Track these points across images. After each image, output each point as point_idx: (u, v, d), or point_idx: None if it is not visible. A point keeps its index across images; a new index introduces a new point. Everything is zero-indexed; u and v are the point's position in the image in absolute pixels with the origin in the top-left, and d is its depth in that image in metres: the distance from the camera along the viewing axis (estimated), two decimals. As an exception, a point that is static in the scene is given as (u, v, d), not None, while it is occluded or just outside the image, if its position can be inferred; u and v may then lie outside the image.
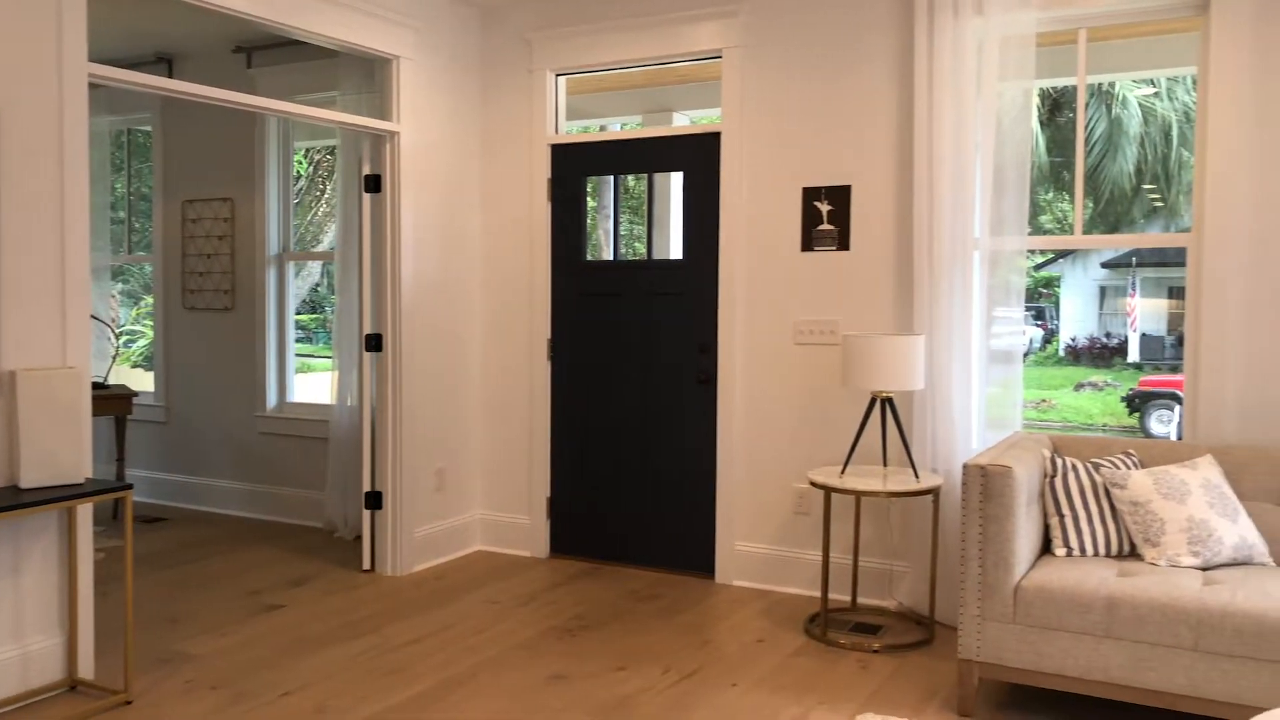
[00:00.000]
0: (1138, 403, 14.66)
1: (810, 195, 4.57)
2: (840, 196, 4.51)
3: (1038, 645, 3.23)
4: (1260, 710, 2.95)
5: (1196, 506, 3.38)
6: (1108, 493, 3.55)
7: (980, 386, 4.22)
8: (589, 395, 5.20)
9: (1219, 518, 3.37)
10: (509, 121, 5.30)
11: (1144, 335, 19.28)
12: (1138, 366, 18.33)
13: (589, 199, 5.31)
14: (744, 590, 4.74)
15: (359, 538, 5.63)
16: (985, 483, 3.31)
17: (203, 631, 4.15)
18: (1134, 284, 19.52)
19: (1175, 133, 13.03)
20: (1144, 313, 19.51)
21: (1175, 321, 19.91)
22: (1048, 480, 3.59)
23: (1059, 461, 3.63)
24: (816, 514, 4.63)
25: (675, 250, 5.61)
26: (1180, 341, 18.95)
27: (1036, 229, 12.53)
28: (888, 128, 4.41)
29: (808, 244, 4.59)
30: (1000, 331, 4.21)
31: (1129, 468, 3.63)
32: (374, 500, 5.01)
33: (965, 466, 3.35)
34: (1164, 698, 3.08)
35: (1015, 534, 3.29)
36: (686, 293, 4.93)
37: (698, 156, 4.87)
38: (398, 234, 4.90)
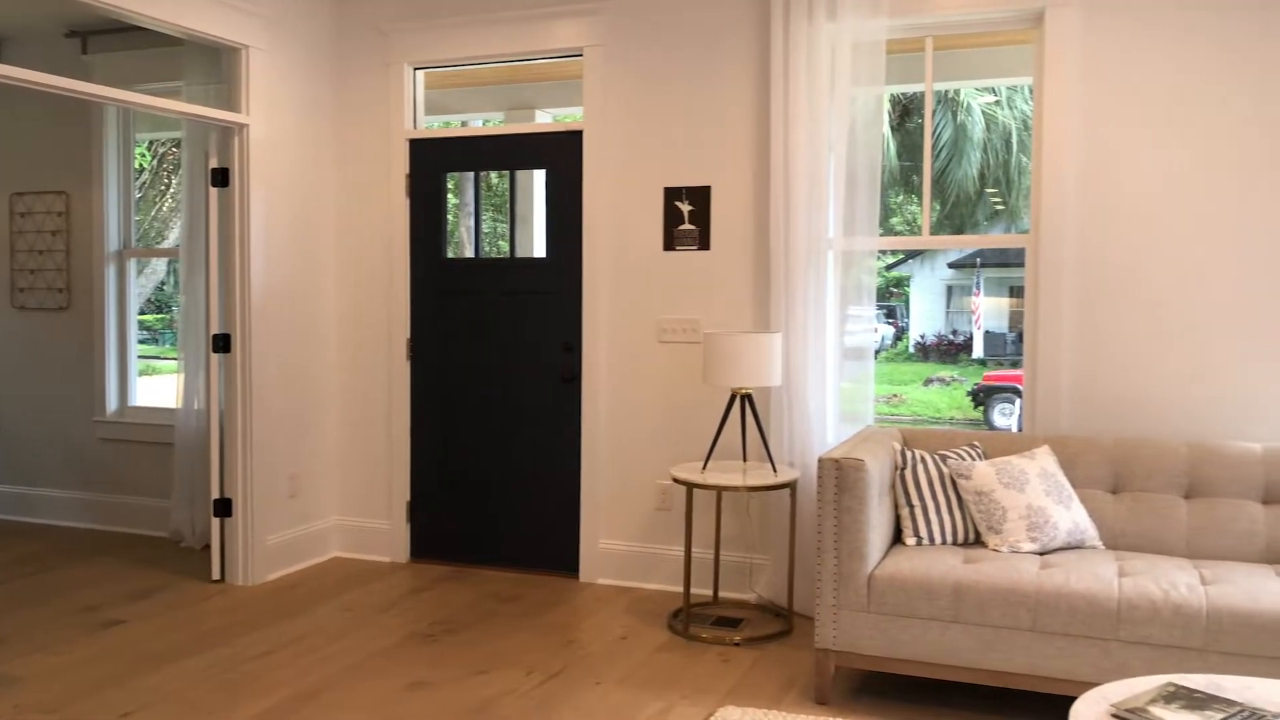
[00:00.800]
0: (982, 397, 15.37)
1: (672, 195, 4.61)
2: (701, 197, 4.57)
3: (890, 632, 3.35)
4: (1093, 685, 3.13)
5: (1035, 495, 3.56)
6: (954, 483, 3.70)
7: (834, 382, 4.34)
8: (450, 395, 5.12)
9: (1055, 505, 3.56)
10: (365, 115, 5.16)
11: (988, 332, 20.23)
12: (982, 362, 19.22)
13: (449, 196, 5.22)
14: (608, 588, 4.75)
15: (207, 547, 5.39)
16: (840, 476, 3.40)
17: (34, 651, 3.90)
18: (978, 283, 20.46)
19: (1015, 139, 13.73)
20: (987, 311, 20.48)
21: (1016, 319, 20.96)
22: (898, 472, 3.72)
23: (909, 454, 3.76)
24: (679, 510, 4.68)
25: (539, 248, 5.58)
26: (1020, 338, 19.98)
27: (888, 230, 12.99)
28: (746, 129, 4.49)
29: (670, 243, 4.63)
30: (853, 329, 4.34)
31: (973, 459, 3.79)
32: (223, 507, 4.81)
33: (820, 460, 3.44)
34: (1007, 677, 3.23)
35: (868, 525, 3.39)
36: (550, 291, 4.90)
37: (560, 154, 4.85)
38: (247, 230, 4.71)
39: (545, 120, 6.29)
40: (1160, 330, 3.93)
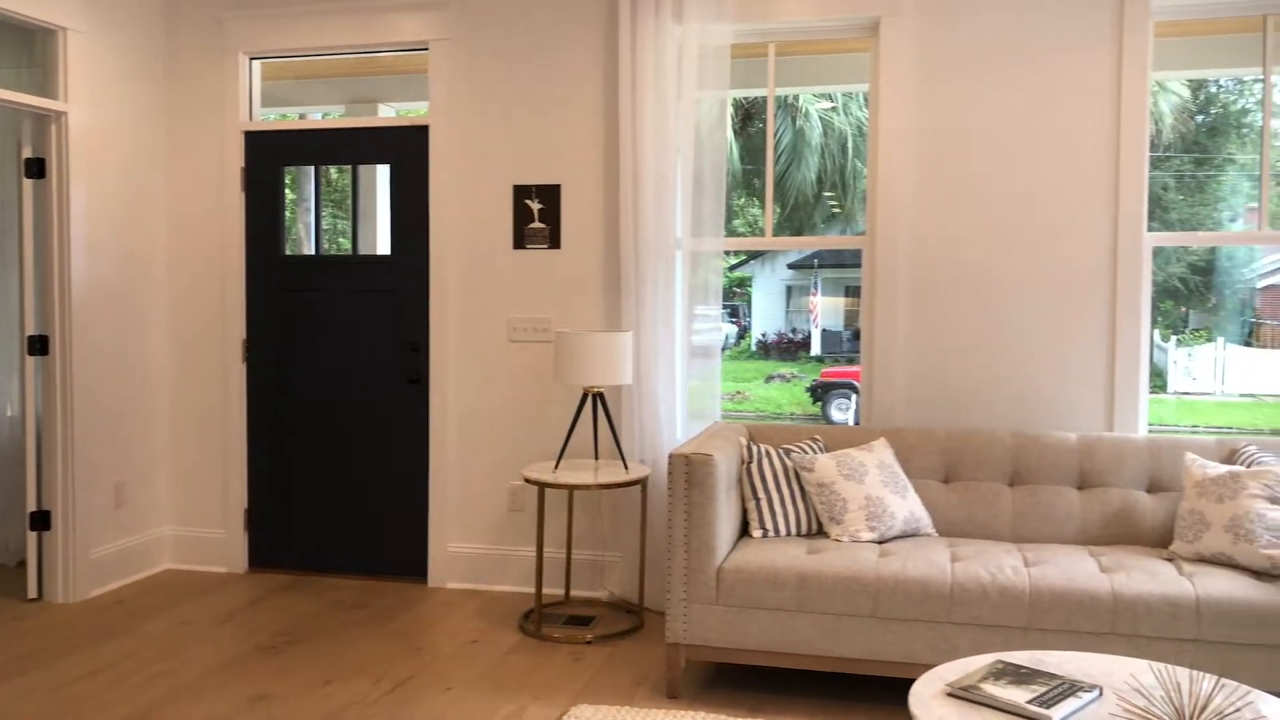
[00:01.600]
0: (820, 392, 15.92)
1: (521, 193, 4.59)
2: (551, 195, 4.56)
3: (739, 624, 3.42)
4: (929, 666, 3.28)
5: (873, 485, 3.71)
6: (798, 476, 3.81)
7: (683, 380, 4.41)
8: (290, 398, 4.94)
9: (892, 495, 3.72)
10: (199, 106, 4.93)
11: (825, 331, 20.95)
12: (820, 359, 19.89)
13: (287, 191, 5.05)
14: (458, 592, 4.68)
15: (23, 563, 5.03)
16: (689, 471, 3.46)
17: None
18: (816, 284, 21.16)
19: (850, 145, 14.27)
20: (825, 310, 21.21)
21: (851, 318, 21.79)
22: (745, 467, 3.81)
23: (755, 449, 3.85)
24: (531, 510, 4.66)
25: (383, 246, 5.45)
26: (856, 336, 20.77)
27: (731, 232, 13.31)
28: (596, 128, 4.50)
29: (520, 242, 4.60)
30: (700, 328, 4.42)
31: (815, 452, 3.92)
32: (41, 520, 4.50)
33: (671, 456, 3.48)
34: (849, 663, 3.36)
35: (717, 519, 3.46)
36: (396, 290, 4.79)
37: (406, 150, 4.75)
38: (66, 224, 4.42)
39: (389, 114, 6.15)
40: (987, 328, 4.16)
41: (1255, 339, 21.00)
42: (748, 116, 14.97)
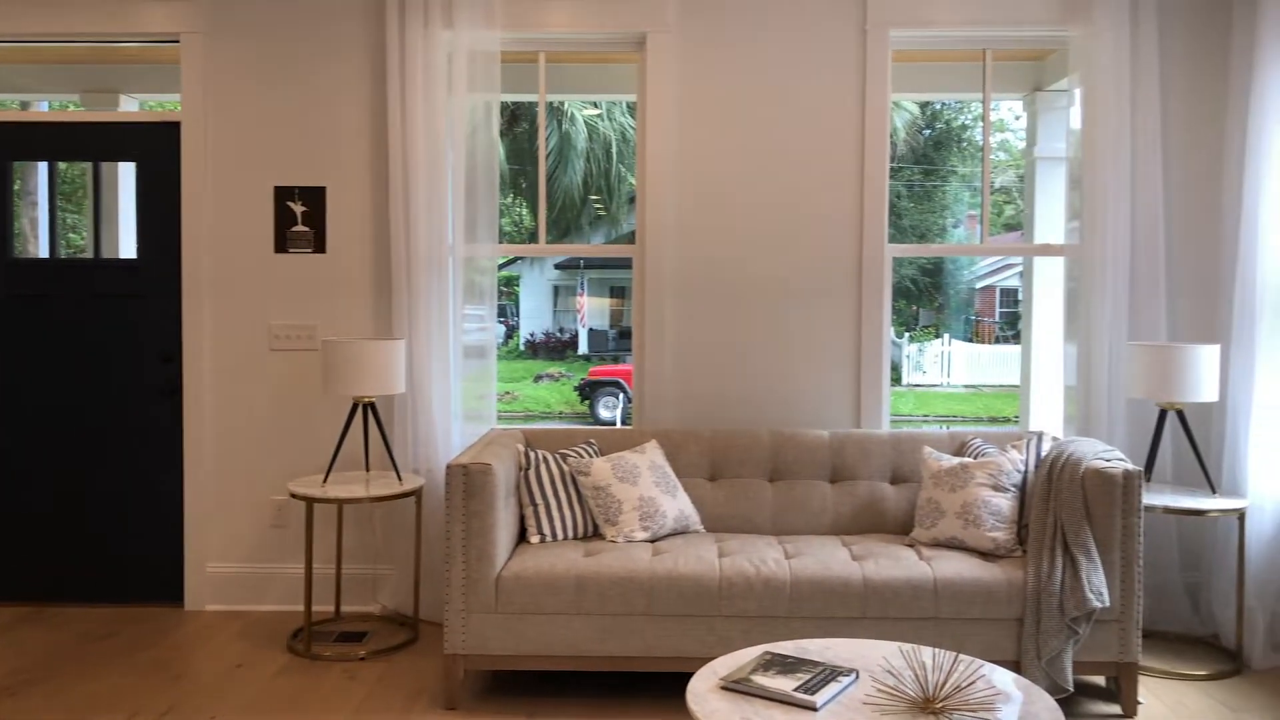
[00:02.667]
0: (588, 391, 16.18)
1: (283, 195, 4.41)
2: (315, 198, 4.40)
3: (518, 630, 3.45)
4: (701, 659, 3.43)
5: (646, 486, 3.84)
6: (574, 480, 3.89)
7: (458, 385, 4.38)
8: (22, 413, 4.51)
9: (663, 495, 3.86)
10: (-99, 89, 4.42)
11: (592, 330, 21.31)
12: (588, 358, 20.21)
13: (14, 185, 4.61)
14: (219, 614, 4.45)
15: None
16: (467, 481, 3.45)
17: None
18: (582, 284, 21.48)
19: (615, 150, 14.56)
20: (591, 310, 21.56)
21: (616, 317, 22.26)
22: (522, 473, 3.84)
23: (532, 455, 3.89)
24: (296, 526, 4.49)
25: (128, 248, 5.08)
26: (622, 335, 21.25)
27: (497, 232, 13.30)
28: (363, 130, 4.39)
29: (282, 245, 4.42)
30: (473, 330, 4.40)
31: (591, 456, 4.00)
32: None
33: (448, 467, 3.46)
34: (626, 661, 3.46)
35: (496, 527, 3.47)
36: (145, 296, 4.48)
37: (154, 146, 4.45)
38: None
39: (131, 106, 5.73)
40: (747, 332, 4.38)
41: (975, 335, 23.13)
42: (513, 118, 14.97)
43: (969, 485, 3.69)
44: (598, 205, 15.97)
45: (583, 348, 21.04)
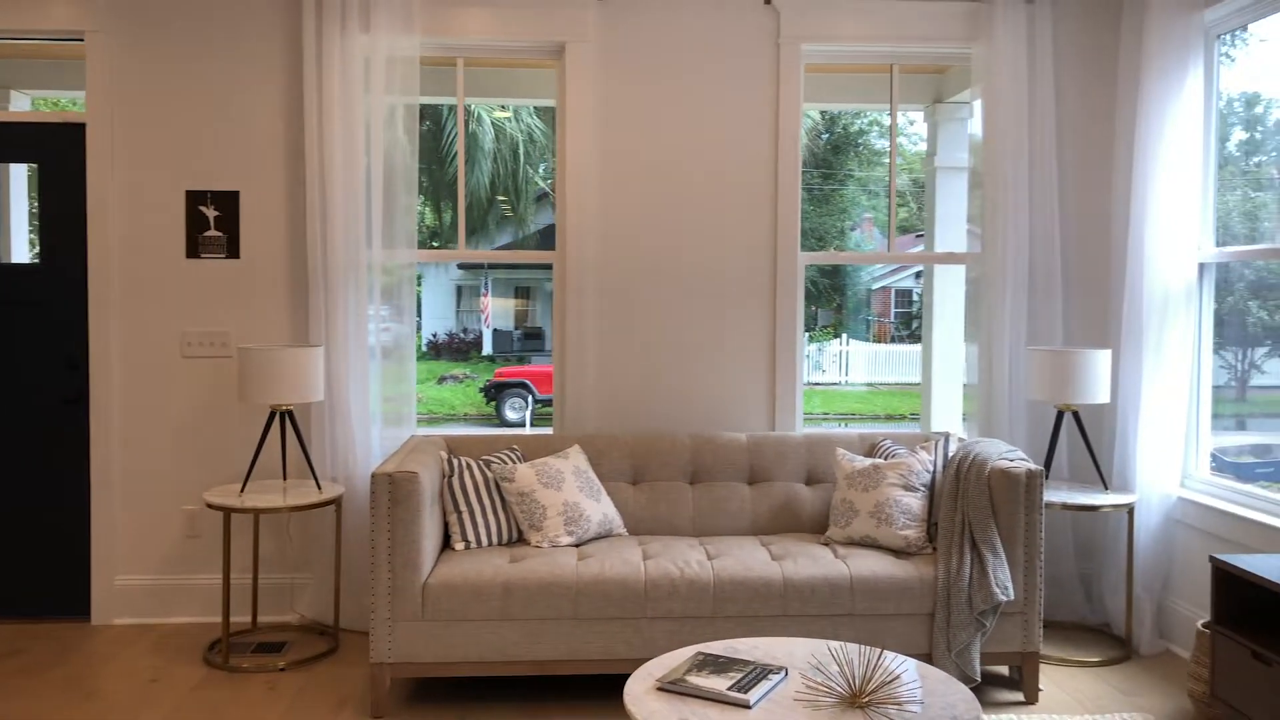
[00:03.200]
0: (494, 393, 16.08)
1: (195, 199, 4.31)
2: (229, 202, 4.32)
3: (445, 638, 3.46)
4: (626, 661, 3.49)
5: (570, 491, 3.88)
6: (498, 486, 3.91)
7: (376, 392, 4.35)
8: (-87, 424, 4.33)
9: (587, 499, 3.91)
10: None
11: (496, 331, 21.18)
12: (491, 359, 20.09)
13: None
14: (129, 628, 4.33)
15: None
16: (393, 489, 3.45)
17: None
18: (486, 284, 21.33)
19: (522, 151, 14.53)
20: (496, 311, 21.43)
21: (521, 317, 22.17)
22: (446, 480, 3.85)
23: (455, 461, 3.90)
24: (210, 536, 4.40)
25: (21, 253, 4.89)
26: (527, 336, 21.19)
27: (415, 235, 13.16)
28: (278, 134, 4.33)
29: (194, 250, 4.33)
30: (391, 335, 4.38)
31: (514, 462, 4.03)
32: None
33: (374, 475, 3.45)
34: (554, 665, 3.50)
35: (422, 536, 3.48)
36: (46, 302, 4.34)
37: (56, 148, 4.31)
38: None
39: (23, 104, 5.51)
40: (668, 338, 4.46)
41: (872, 335, 23.75)
42: (420, 117, 14.82)
43: (881, 485, 3.84)
44: (504, 206, 15.92)
45: (487, 348, 20.90)
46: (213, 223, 4.32)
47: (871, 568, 3.59)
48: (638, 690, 2.45)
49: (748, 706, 2.36)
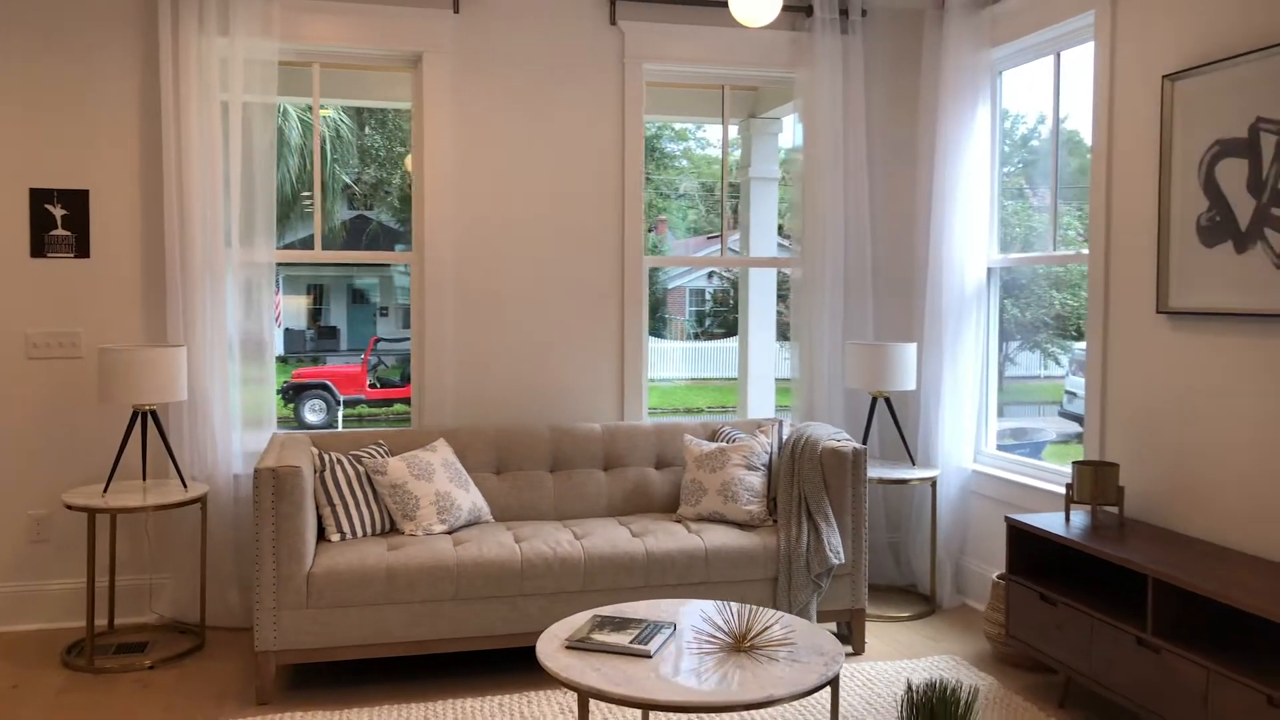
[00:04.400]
0: (291, 394, 15.65)
1: (40, 197, 4.21)
2: (77, 201, 4.25)
3: (330, 624, 3.61)
4: (504, 637, 3.75)
5: (441, 482, 4.09)
6: (370, 480, 4.06)
7: (237, 392, 4.39)
8: None
9: (457, 489, 4.13)
10: None
11: (288, 330, 20.53)
12: (284, 360, 19.47)
13: None
14: (-29, 638, 4.19)
15: None
16: (277, 483, 3.56)
17: None
18: (278, 282, 20.64)
19: (329, 148, 14.28)
20: (287, 309, 20.76)
21: (314, 316, 21.57)
22: (318, 475, 3.97)
23: (325, 457, 4.03)
24: (58, 540, 4.31)
25: None
26: (321, 334, 20.67)
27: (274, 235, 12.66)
28: (132, 133, 4.29)
29: (39, 250, 4.23)
30: (251, 335, 4.43)
31: (384, 456, 4.19)
32: None
33: (257, 470, 3.55)
34: (435, 644, 3.71)
35: (306, 527, 3.61)
36: None
37: (-122, 140, 4.10)
38: None
39: None
40: (526, 336, 4.72)
41: (667, 332, 24.60)
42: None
43: (726, 466, 4.26)
44: (307, 202, 15.56)
45: (279, 349, 20.22)
46: (60, 222, 4.24)
47: (722, 540, 4.00)
48: (549, 649, 2.73)
49: (649, 655, 2.69)
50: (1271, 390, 3.22)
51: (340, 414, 15.24)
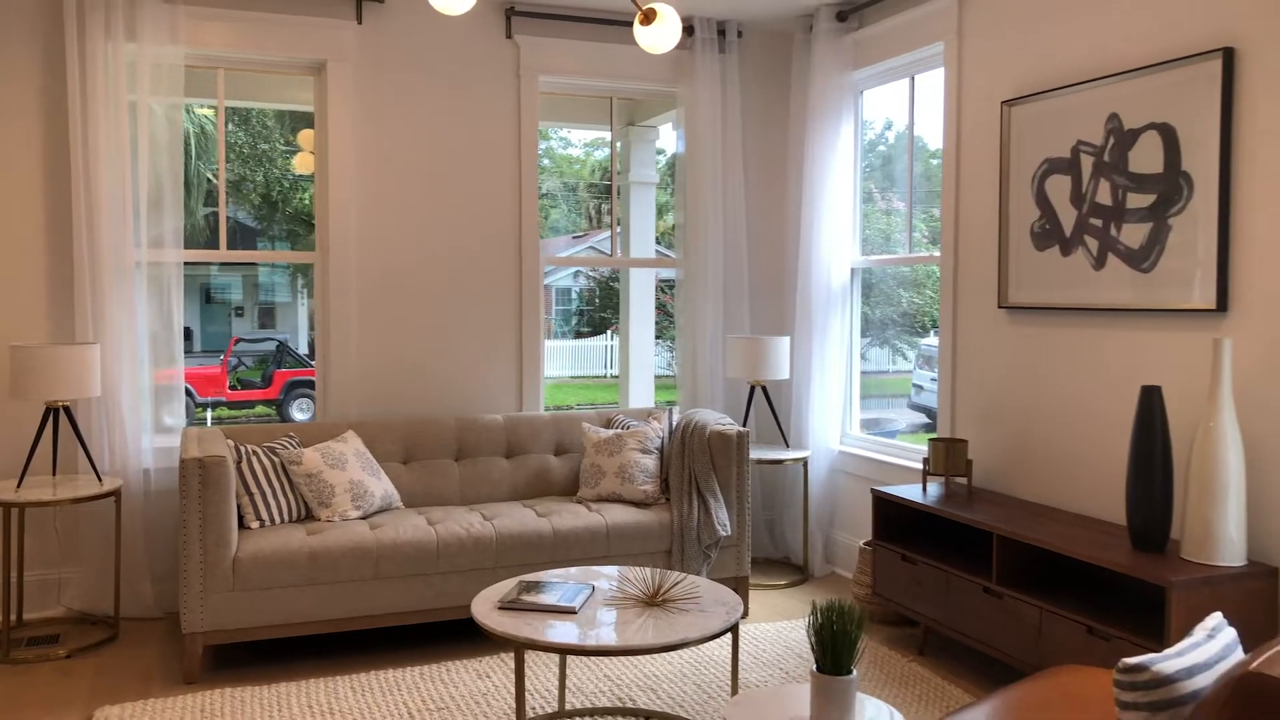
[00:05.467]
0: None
1: (-57, 196, 4.24)
2: (-18, 200, 4.28)
3: (256, 605, 3.80)
4: (420, 613, 4.01)
5: (354, 471, 4.32)
6: (286, 470, 4.26)
7: (148, 388, 4.50)
8: None
9: (369, 477, 4.36)
10: None
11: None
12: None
13: None
14: (-128, 638, 4.17)
15: None
16: (204, 473, 3.74)
17: None
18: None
19: (194, 147, 14.02)
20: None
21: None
22: (236, 466, 4.14)
23: (241, 449, 4.20)
24: (-38, 537, 4.33)
25: None
26: (187, 334, 20.07)
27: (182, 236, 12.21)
28: (35, 136, 4.35)
29: (-58, 249, 4.25)
30: (161, 333, 4.54)
31: (297, 447, 4.38)
32: None
33: (184, 461, 3.72)
34: (356, 621, 3.95)
35: (230, 515, 3.79)
36: None
37: None
38: None
39: None
40: (429, 332, 4.97)
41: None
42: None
43: (623, 451, 4.63)
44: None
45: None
46: (-37, 220, 4.26)
47: (621, 517, 4.37)
48: (484, 610, 3.04)
49: (574, 611, 3.02)
50: (1087, 373, 3.79)
51: (207, 416, 14.91)
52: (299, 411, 14.69)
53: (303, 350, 18.14)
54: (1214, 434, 3.09)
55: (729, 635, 4.15)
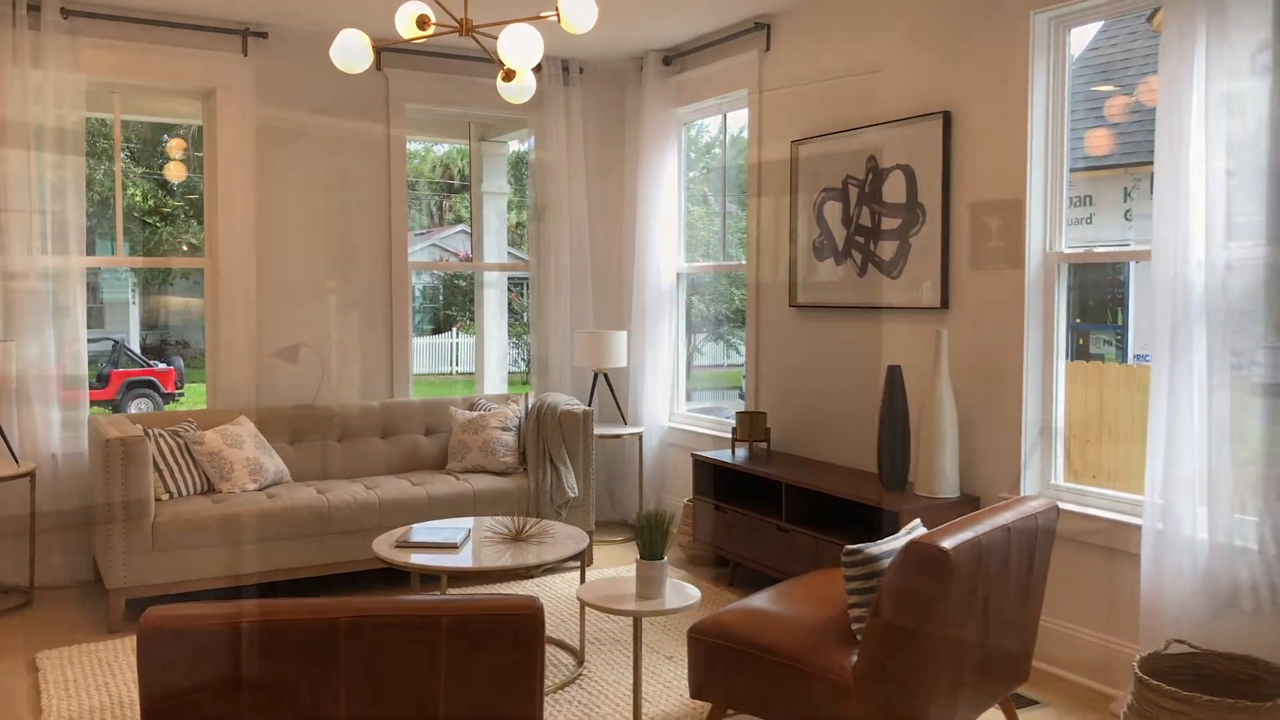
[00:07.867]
0: None
1: None
2: (-100, 212, 4.72)
3: (173, 565, 4.44)
4: (319, 568, 4.72)
5: (250, 449, 4.97)
6: (189, 449, 4.88)
7: (56, 379, 5.02)
8: None
9: (264, 455, 5.02)
10: None
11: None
12: None
13: None
14: None
15: None
16: (126, 452, 4.35)
17: None
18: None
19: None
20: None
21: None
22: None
23: (150, 432, 4.80)
24: (-120, 518, 4.76)
25: None
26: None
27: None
28: (-56, 152, 4.81)
29: None
30: (66, 334, 5.06)
31: (197, 430, 5.00)
32: None
33: (109, 441, 4.33)
34: (264, 575, 4.63)
35: (149, 486, 4.42)
36: None
37: None
38: None
39: None
40: (312, 329, 5.64)
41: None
42: None
43: (486, 429, 5.44)
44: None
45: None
46: (-120, 230, 4.69)
47: (486, 484, 5.18)
48: (384, 548, 3.81)
49: (456, 546, 3.84)
50: (852, 357, 4.85)
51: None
52: (138, 410, 14.69)
53: (136, 349, 17.94)
54: (936, 400, 4.16)
55: (579, 560, 5.02)
